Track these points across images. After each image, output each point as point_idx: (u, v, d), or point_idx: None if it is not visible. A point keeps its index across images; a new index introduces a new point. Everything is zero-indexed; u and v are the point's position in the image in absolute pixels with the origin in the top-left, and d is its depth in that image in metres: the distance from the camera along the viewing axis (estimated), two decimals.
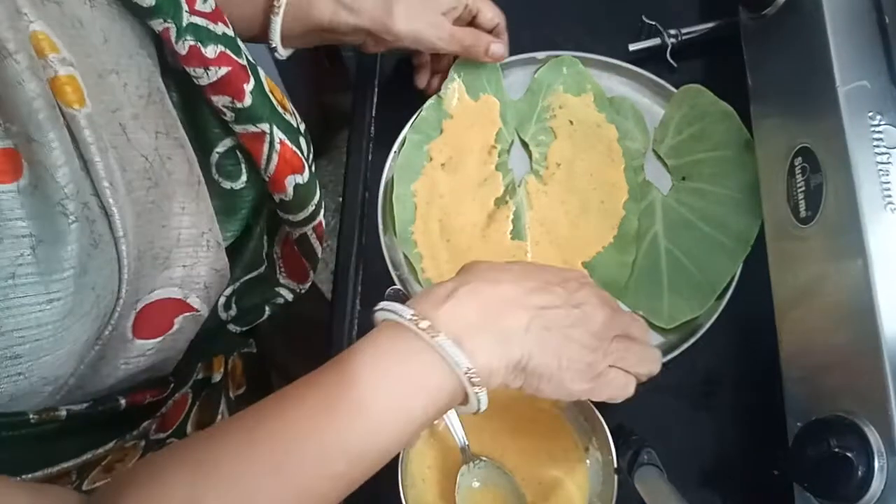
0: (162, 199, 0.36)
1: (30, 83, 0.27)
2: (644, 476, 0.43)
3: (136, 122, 0.35)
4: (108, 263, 0.32)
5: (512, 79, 0.63)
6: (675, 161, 0.59)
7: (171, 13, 0.36)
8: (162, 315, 0.38)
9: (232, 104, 0.39)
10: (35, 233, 0.27)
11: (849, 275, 0.42)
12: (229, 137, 0.42)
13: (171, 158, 0.38)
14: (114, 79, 0.34)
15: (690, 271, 0.55)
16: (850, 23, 0.46)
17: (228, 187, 0.43)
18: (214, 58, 0.38)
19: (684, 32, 0.62)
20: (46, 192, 0.28)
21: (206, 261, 0.40)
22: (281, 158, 0.42)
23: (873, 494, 0.38)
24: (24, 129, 0.27)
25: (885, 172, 0.42)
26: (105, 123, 0.32)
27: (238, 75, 0.39)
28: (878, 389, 0.39)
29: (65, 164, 0.28)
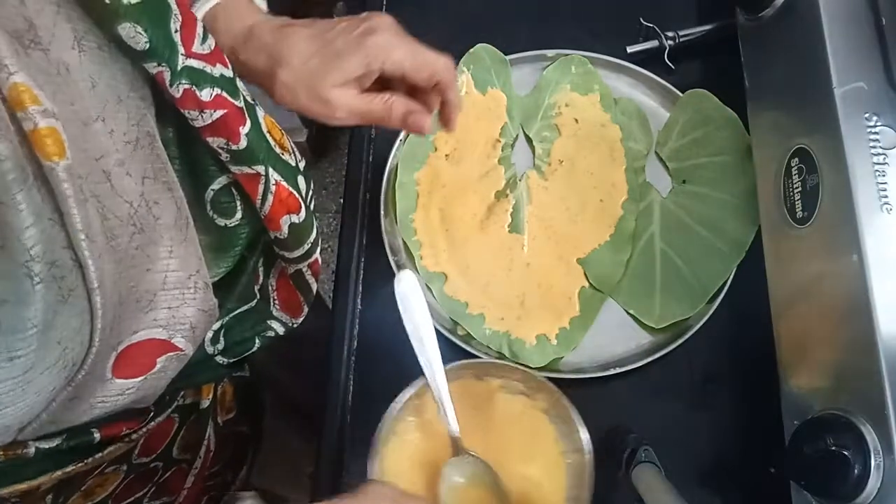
0: (147, 245, 0.36)
1: (2, 142, 0.26)
2: (642, 473, 0.44)
3: (121, 169, 0.34)
4: (79, 315, 0.31)
5: (520, 75, 0.64)
6: (677, 164, 0.60)
7: (165, 56, 0.35)
8: (144, 355, 0.38)
9: (227, 146, 0.39)
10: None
11: (845, 274, 0.42)
12: (225, 175, 0.41)
13: (157, 203, 0.37)
14: (99, 126, 0.33)
15: (684, 273, 0.55)
16: (846, 25, 0.46)
17: (223, 224, 0.42)
18: (210, 101, 0.37)
19: (682, 34, 0.63)
20: (11, 253, 0.27)
21: (193, 302, 0.40)
22: (276, 199, 0.41)
23: (870, 492, 0.38)
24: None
25: (882, 173, 0.42)
26: (87, 173, 0.31)
27: (234, 118, 0.39)
28: (874, 388, 0.39)
29: (32, 226, 0.27)
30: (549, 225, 0.58)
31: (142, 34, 0.33)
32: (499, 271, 0.57)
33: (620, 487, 0.48)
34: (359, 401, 0.54)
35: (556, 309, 0.55)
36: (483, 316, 0.55)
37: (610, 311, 0.56)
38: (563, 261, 0.57)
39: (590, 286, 0.56)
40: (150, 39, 0.33)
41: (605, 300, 0.56)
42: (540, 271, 0.57)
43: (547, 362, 0.53)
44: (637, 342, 0.54)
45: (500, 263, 0.57)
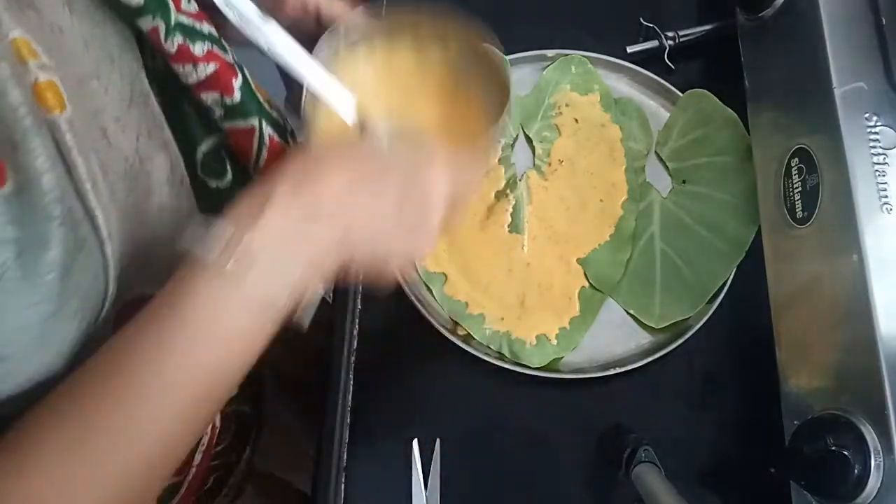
0: (140, 200, 0.37)
1: (13, 91, 0.27)
2: (642, 473, 0.43)
3: (117, 125, 0.35)
4: (93, 266, 0.32)
5: (520, 75, 0.64)
6: (677, 164, 0.60)
7: (159, 12, 0.36)
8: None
9: (221, 100, 0.40)
10: (19, 238, 0.28)
11: (845, 274, 0.42)
12: (213, 136, 0.42)
13: (151, 160, 0.38)
14: (94, 84, 0.34)
15: (684, 273, 0.55)
16: (846, 25, 0.46)
17: (214, 186, 0.43)
18: (203, 55, 0.38)
19: (682, 34, 0.63)
20: (31, 197, 0.28)
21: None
22: (270, 153, 0.42)
23: (870, 492, 0.38)
24: (8, 137, 0.27)
25: (882, 173, 0.42)
26: (86, 128, 0.32)
27: (226, 71, 0.40)
28: (874, 388, 0.39)
29: (49, 170, 0.28)
30: (549, 225, 0.58)
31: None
32: (499, 271, 0.57)
33: (620, 487, 0.48)
34: (359, 401, 0.54)
35: (556, 309, 0.55)
36: (483, 316, 0.55)
37: (610, 311, 0.56)
38: (563, 261, 0.57)
39: (590, 286, 0.56)
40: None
41: (605, 300, 0.56)
42: (540, 271, 0.57)
43: (547, 362, 0.53)
44: (637, 342, 0.54)
45: (500, 263, 0.57)
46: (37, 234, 0.28)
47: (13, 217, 0.27)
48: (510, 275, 0.57)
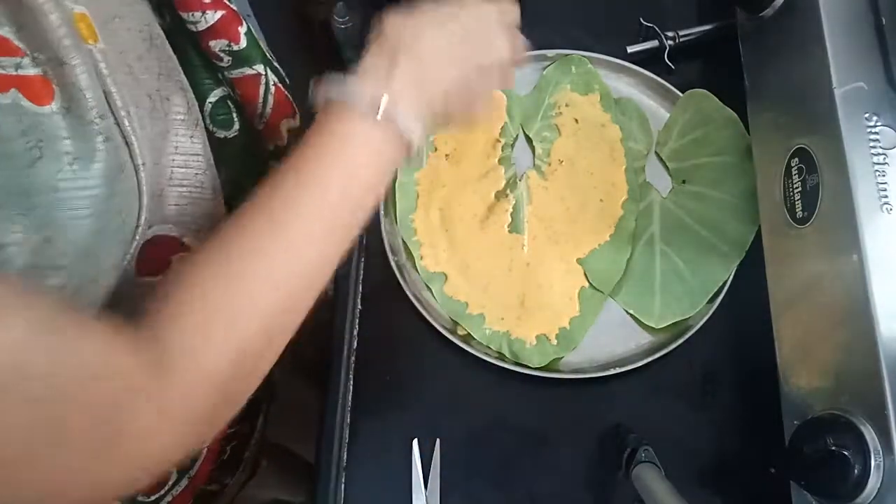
0: (157, 137, 0.38)
1: (55, 13, 0.29)
2: (642, 473, 0.44)
3: (140, 64, 0.36)
4: (132, 190, 0.33)
5: (520, 75, 0.64)
6: (677, 164, 0.60)
7: None
8: (160, 252, 0.39)
9: (229, 47, 0.41)
10: (72, 150, 0.29)
11: (845, 274, 0.42)
12: (220, 87, 0.43)
13: (169, 99, 0.39)
14: (118, 23, 0.35)
15: (684, 273, 0.55)
16: (846, 25, 0.46)
17: (222, 136, 0.44)
18: (210, 2, 0.40)
19: (682, 34, 0.63)
20: (79, 111, 0.30)
21: (201, 203, 0.41)
22: (276, 101, 0.44)
23: (870, 492, 0.38)
24: (53, 55, 0.29)
25: (882, 173, 0.42)
26: (115, 62, 0.33)
27: (232, 19, 0.41)
28: (874, 388, 0.39)
29: (92, 87, 0.30)
30: (549, 225, 0.58)
31: None
32: (499, 271, 0.57)
33: (620, 487, 0.48)
34: (359, 401, 0.54)
35: (556, 309, 0.55)
36: (483, 316, 0.55)
37: (610, 311, 0.56)
38: (563, 261, 0.57)
39: (590, 286, 0.56)
40: None
41: (605, 300, 0.56)
42: (540, 271, 0.57)
43: (547, 362, 0.53)
44: (637, 342, 0.54)
45: (500, 263, 0.57)
46: (86, 147, 0.30)
47: (67, 129, 0.29)
48: (510, 275, 0.57)
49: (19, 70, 0.28)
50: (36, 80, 0.29)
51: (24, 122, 0.28)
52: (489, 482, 0.51)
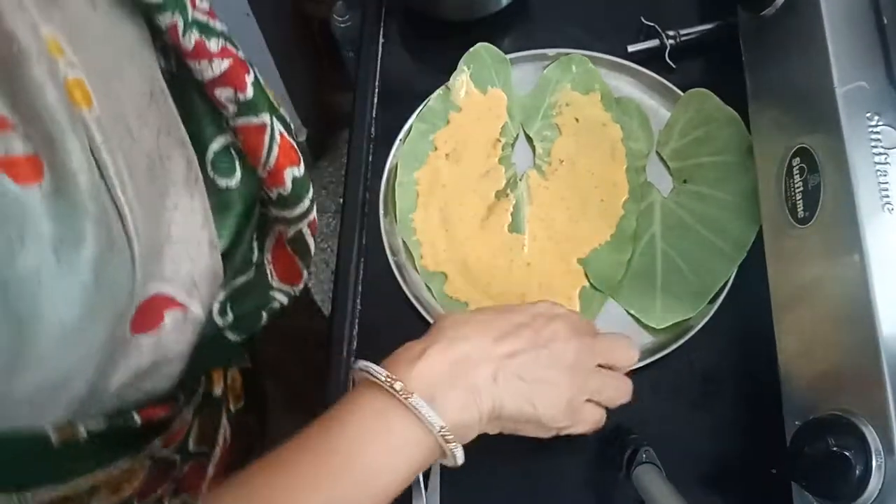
0: (156, 197, 0.37)
1: (51, 88, 0.27)
2: (642, 474, 0.43)
3: (139, 122, 0.35)
4: (123, 264, 0.32)
5: (520, 74, 0.64)
6: (678, 164, 0.60)
7: (178, 8, 0.36)
8: (153, 310, 0.38)
9: (235, 96, 0.40)
10: (55, 234, 0.28)
11: (846, 274, 0.42)
12: (223, 135, 0.43)
13: (170, 157, 0.38)
14: (117, 80, 0.34)
15: (685, 274, 0.55)
16: (848, 24, 0.46)
17: (224, 185, 0.43)
18: (218, 51, 0.39)
19: (683, 33, 0.63)
20: (67, 193, 0.28)
21: (199, 259, 0.40)
22: (281, 150, 0.43)
23: (871, 493, 0.38)
24: (46, 133, 0.27)
25: (883, 173, 0.42)
26: (111, 124, 0.32)
27: (240, 68, 0.40)
28: (875, 388, 0.39)
29: (84, 165, 0.29)
30: (549, 225, 0.58)
31: None
32: (499, 271, 0.57)
33: (620, 488, 0.48)
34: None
35: None
36: None
37: (610, 312, 0.56)
38: (564, 261, 0.57)
39: (590, 286, 0.56)
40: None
41: (606, 300, 0.56)
42: (540, 271, 0.57)
43: None
44: (638, 342, 0.54)
45: (500, 263, 0.57)
46: (73, 230, 0.28)
47: (50, 212, 0.28)
48: (510, 275, 0.57)
49: (8, 146, 0.27)
50: (23, 161, 0.27)
51: (3, 210, 0.26)
52: (489, 482, 0.51)
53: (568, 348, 0.42)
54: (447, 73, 0.62)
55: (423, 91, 0.62)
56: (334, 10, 1.28)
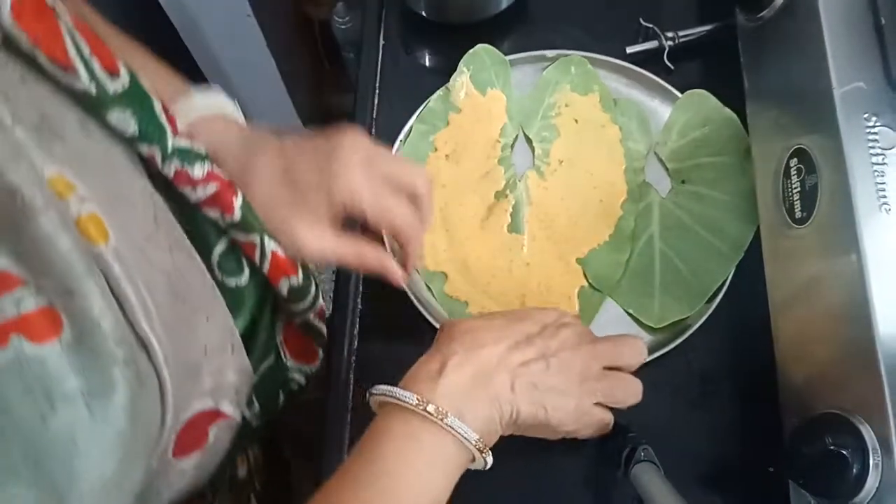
0: (188, 314, 0.36)
1: (63, 237, 0.26)
2: (641, 473, 0.44)
3: (150, 243, 0.34)
4: (154, 397, 0.31)
5: (520, 75, 0.64)
6: (677, 164, 0.60)
7: (155, 139, 0.35)
8: (197, 429, 0.38)
9: (223, 217, 0.39)
10: (86, 389, 0.27)
11: (843, 275, 0.42)
12: (224, 237, 0.42)
13: (188, 271, 0.37)
14: (123, 204, 0.33)
15: (683, 273, 0.55)
16: (846, 25, 0.46)
17: (234, 284, 0.42)
18: (202, 177, 0.38)
19: (681, 35, 0.63)
20: (92, 342, 0.27)
21: (233, 364, 0.40)
22: (272, 264, 0.42)
23: (868, 492, 0.38)
24: (61, 284, 0.26)
25: (881, 173, 0.42)
26: (128, 252, 0.31)
27: (226, 191, 0.39)
28: (872, 387, 0.39)
29: (107, 310, 0.27)
30: (548, 225, 0.58)
31: (131, 119, 0.33)
32: (499, 271, 0.57)
33: (619, 487, 0.48)
34: (359, 401, 0.54)
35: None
36: None
37: (609, 311, 0.56)
38: (563, 261, 0.57)
39: (589, 286, 0.56)
40: (139, 124, 0.34)
41: (605, 300, 0.56)
42: (540, 271, 0.57)
43: None
44: None
45: (500, 263, 0.57)
46: (102, 379, 0.27)
47: (75, 366, 0.26)
48: (510, 275, 0.57)
49: (20, 306, 0.25)
50: (39, 315, 0.26)
51: (27, 376, 0.25)
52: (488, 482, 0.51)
53: (576, 356, 0.43)
54: (447, 75, 0.62)
55: (423, 92, 0.62)
56: (335, 11, 1.28)
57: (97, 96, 0.32)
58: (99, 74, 0.32)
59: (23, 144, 0.26)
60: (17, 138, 0.25)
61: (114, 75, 0.33)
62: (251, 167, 0.43)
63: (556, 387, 0.42)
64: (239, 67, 1.37)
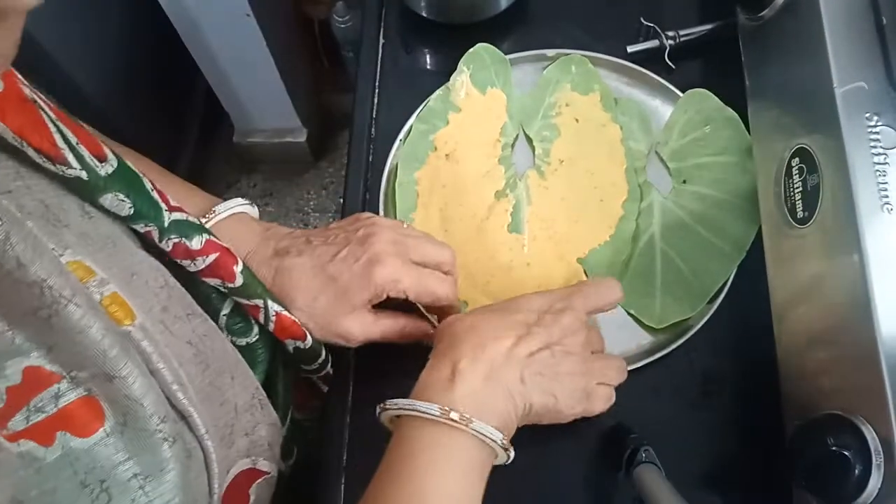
0: (215, 377, 0.36)
1: (94, 324, 0.26)
2: (642, 474, 0.43)
3: (168, 315, 0.34)
4: (200, 468, 0.31)
5: (520, 74, 0.64)
6: (677, 164, 0.60)
7: (151, 216, 0.35)
8: (238, 491, 0.37)
9: (223, 285, 0.39)
10: (139, 471, 0.27)
11: (845, 275, 0.42)
12: (230, 299, 0.42)
13: (206, 335, 0.37)
14: (137, 279, 0.33)
15: (684, 274, 0.55)
16: (847, 24, 0.46)
17: (244, 343, 0.43)
18: (200, 248, 0.38)
19: (682, 34, 0.63)
20: (137, 424, 0.27)
21: (263, 420, 0.40)
22: (278, 326, 0.42)
23: (870, 493, 0.38)
24: (99, 370, 0.26)
25: (882, 173, 0.42)
26: (152, 327, 0.31)
27: (226, 259, 0.39)
28: (874, 388, 0.39)
29: (148, 388, 0.27)
30: (549, 225, 0.58)
31: (125, 200, 0.34)
32: (498, 271, 0.57)
33: (620, 488, 0.48)
34: (359, 401, 0.54)
35: None
36: None
37: (610, 311, 0.56)
38: (563, 261, 0.57)
39: None
40: (134, 203, 0.34)
41: None
42: (540, 271, 0.57)
43: None
44: (637, 342, 0.54)
45: (500, 263, 0.57)
46: (153, 459, 0.27)
47: (126, 451, 0.26)
48: (510, 274, 0.57)
49: (60, 401, 0.25)
50: (80, 408, 0.26)
51: (79, 470, 0.25)
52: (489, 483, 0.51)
53: (575, 342, 0.43)
54: (447, 74, 0.62)
55: (423, 91, 0.62)
56: (334, 10, 1.28)
57: (89, 181, 0.32)
58: (88, 161, 0.32)
59: (37, 235, 0.26)
60: (30, 229, 0.25)
61: (102, 161, 0.33)
62: (287, 277, 0.44)
63: (562, 373, 0.42)
64: (239, 67, 1.37)
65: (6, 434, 0.24)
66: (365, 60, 0.67)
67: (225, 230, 0.44)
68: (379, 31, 0.68)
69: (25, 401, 0.25)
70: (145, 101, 1.38)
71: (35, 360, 0.25)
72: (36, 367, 0.25)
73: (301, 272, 0.44)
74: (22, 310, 0.25)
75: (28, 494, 0.23)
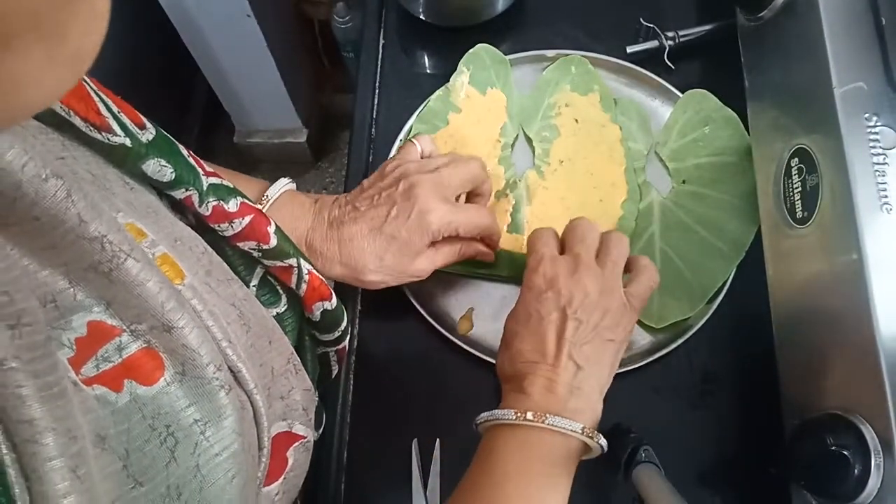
0: (255, 340, 0.37)
1: (152, 278, 0.27)
2: (642, 474, 0.43)
3: (212, 277, 0.35)
4: (251, 421, 0.32)
5: (519, 75, 0.64)
6: (677, 164, 0.60)
7: (191, 181, 0.36)
8: (278, 454, 0.38)
9: (258, 247, 0.40)
10: (199, 417, 0.28)
11: (845, 274, 0.42)
12: (258, 268, 0.43)
13: (246, 299, 0.38)
14: (180, 245, 0.34)
15: (684, 273, 0.55)
16: (846, 25, 0.46)
17: (274, 313, 0.43)
18: (237, 210, 0.39)
19: (682, 35, 0.63)
20: (195, 372, 0.28)
21: (298, 385, 0.41)
22: (309, 287, 0.43)
23: (870, 492, 0.38)
24: (158, 321, 0.27)
25: (882, 173, 0.42)
26: (200, 287, 0.32)
27: (260, 221, 0.40)
28: (874, 387, 0.39)
29: (201, 337, 0.28)
30: (548, 225, 0.58)
31: (167, 166, 0.35)
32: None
33: (620, 487, 0.48)
34: (359, 401, 0.54)
35: None
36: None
37: None
38: None
39: None
40: (175, 169, 0.35)
41: None
42: None
43: None
44: (637, 342, 0.55)
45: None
46: (212, 405, 0.28)
47: (187, 398, 0.27)
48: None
49: (123, 353, 0.26)
50: (142, 358, 0.27)
51: (147, 415, 0.26)
52: None
53: (596, 292, 0.44)
54: (447, 74, 0.62)
55: (423, 92, 0.62)
56: (334, 11, 1.28)
57: (133, 148, 0.33)
58: (131, 128, 0.33)
59: (94, 195, 0.27)
60: (87, 191, 0.26)
61: (141, 128, 0.34)
62: (350, 248, 0.48)
63: (598, 324, 0.43)
64: (239, 68, 1.37)
65: (82, 378, 0.25)
66: (365, 61, 0.67)
67: (279, 210, 0.48)
68: (379, 31, 0.68)
69: (92, 352, 0.26)
70: (145, 101, 1.38)
71: (97, 315, 0.26)
72: (98, 322, 0.26)
73: (362, 239, 0.47)
74: (83, 265, 0.25)
75: (108, 432, 0.25)
